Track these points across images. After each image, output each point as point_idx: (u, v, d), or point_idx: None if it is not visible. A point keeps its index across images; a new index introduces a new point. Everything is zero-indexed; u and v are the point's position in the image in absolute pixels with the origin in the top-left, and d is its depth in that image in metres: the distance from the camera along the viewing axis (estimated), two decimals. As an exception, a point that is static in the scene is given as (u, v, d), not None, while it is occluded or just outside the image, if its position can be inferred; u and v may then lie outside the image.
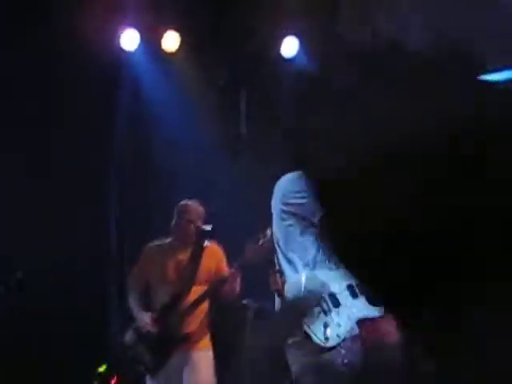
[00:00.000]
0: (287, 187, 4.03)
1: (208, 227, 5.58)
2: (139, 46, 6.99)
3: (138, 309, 5.55)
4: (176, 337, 5.52)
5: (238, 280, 5.58)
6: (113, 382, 6.34)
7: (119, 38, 6.91)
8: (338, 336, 3.81)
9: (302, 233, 3.97)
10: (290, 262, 3.99)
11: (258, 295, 6.21)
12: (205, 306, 5.58)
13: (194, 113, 6.93)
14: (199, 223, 5.56)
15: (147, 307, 5.58)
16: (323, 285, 3.94)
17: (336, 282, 3.90)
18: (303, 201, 3.91)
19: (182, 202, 5.72)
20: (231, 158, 6.74)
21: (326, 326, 3.86)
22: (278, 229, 4.00)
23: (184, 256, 5.63)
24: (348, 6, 6.98)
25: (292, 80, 7.09)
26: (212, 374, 5.57)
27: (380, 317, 3.76)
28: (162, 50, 7.01)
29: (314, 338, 3.86)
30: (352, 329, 3.80)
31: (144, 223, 6.81)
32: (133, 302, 5.58)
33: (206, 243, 5.60)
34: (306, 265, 3.98)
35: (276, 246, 4.05)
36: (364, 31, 6.89)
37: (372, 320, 3.78)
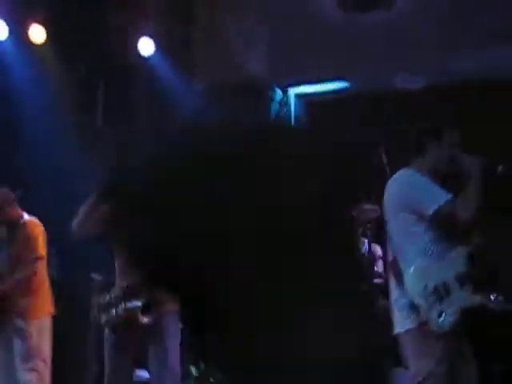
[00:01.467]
0: (403, 183, 4.32)
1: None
2: (8, 36, 7.28)
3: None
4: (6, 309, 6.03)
5: None
6: None
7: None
8: (450, 323, 4.06)
9: (414, 225, 4.19)
10: (404, 252, 4.26)
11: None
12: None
13: (52, 103, 7.33)
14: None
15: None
16: (437, 273, 4.19)
17: (446, 271, 4.17)
18: (417, 195, 4.21)
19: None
20: (84, 148, 7.17)
21: (440, 313, 4.10)
22: (393, 220, 4.28)
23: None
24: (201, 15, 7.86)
25: (147, 78, 7.70)
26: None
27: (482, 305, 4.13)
28: (30, 42, 7.30)
29: (432, 324, 4.09)
30: (459, 316, 4.08)
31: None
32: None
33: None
34: (419, 254, 4.22)
35: (390, 236, 4.38)
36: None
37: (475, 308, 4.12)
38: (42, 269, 6.18)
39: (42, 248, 6.05)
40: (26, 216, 6.11)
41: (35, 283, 6.14)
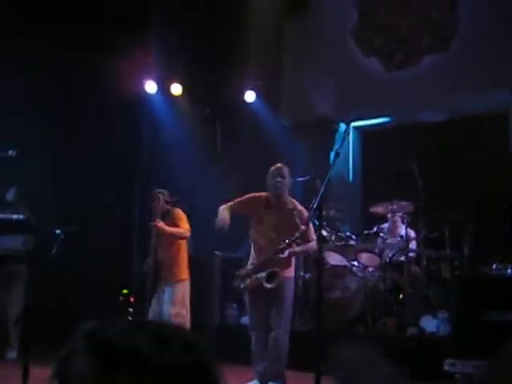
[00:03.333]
0: None
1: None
2: (156, 91, 9.18)
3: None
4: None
5: None
6: (132, 299, 7.98)
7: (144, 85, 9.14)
8: None
9: None
10: None
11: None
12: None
13: (190, 136, 9.08)
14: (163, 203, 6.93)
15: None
16: None
17: None
18: None
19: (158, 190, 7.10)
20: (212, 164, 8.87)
21: None
22: None
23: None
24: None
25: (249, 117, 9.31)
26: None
27: None
28: (171, 95, 9.18)
29: None
30: None
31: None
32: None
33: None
34: None
35: None
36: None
37: None
38: (185, 245, 7.09)
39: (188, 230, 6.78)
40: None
41: (181, 256, 7.00)
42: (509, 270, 6.60)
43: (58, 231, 5.54)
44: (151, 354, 1.05)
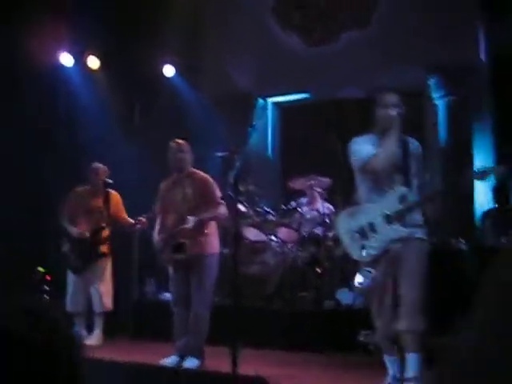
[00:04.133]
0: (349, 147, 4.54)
1: (110, 181, 7.25)
2: (73, 64, 8.94)
3: (69, 227, 7.10)
4: (94, 252, 7.08)
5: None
6: (48, 277, 8.05)
7: (59, 57, 8.83)
8: (371, 254, 4.40)
9: (357, 178, 4.54)
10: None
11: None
12: (106, 233, 7.14)
13: (107, 110, 8.90)
14: (104, 178, 7.21)
15: (74, 232, 7.08)
16: (364, 215, 4.46)
17: (374, 212, 4.42)
18: (353, 154, 4.49)
19: (94, 165, 7.25)
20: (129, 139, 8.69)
21: (363, 247, 4.41)
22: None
23: (97, 198, 7.22)
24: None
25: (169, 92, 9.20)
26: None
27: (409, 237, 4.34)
28: (88, 68, 8.96)
29: (353, 255, 4.51)
30: (385, 248, 4.38)
31: (72, 175, 8.09)
32: (66, 224, 7.13)
33: (109, 191, 7.20)
34: (360, 201, 4.58)
35: None
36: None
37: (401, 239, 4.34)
38: None
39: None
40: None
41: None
42: None
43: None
44: (21, 333, 1.05)
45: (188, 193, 5.78)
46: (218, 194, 5.77)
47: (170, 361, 5.60)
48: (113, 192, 7.35)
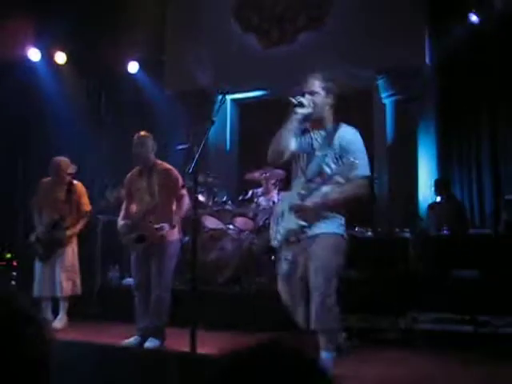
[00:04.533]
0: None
1: (72, 171, 7.20)
2: (40, 59, 8.83)
3: (35, 216, 7.08)
4: (57, 240, 6.99)
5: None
6: (15, 263, 8.07)
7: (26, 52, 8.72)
8: (277, 241, 4.29)
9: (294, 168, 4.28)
10: None
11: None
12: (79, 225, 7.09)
13: (74, 107, 8.83)
14: (67, 170, 7.15)
15: (41, 222, 7.03)
16: (283, 203, 4.34)
17: (287, 201, 4.27)
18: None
19: (55, 158, 7.12)
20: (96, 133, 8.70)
21: (277, 232, 4.27)
22: None
23: (60, 189, 7.10)
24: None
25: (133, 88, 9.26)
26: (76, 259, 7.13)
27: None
28: (55, 63, 8.87)
29: (270, 239, 4.40)
30: (286, 238, 4.20)
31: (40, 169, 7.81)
32: (35, 218, 7.10)
33: (74, 182, 7.12)
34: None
35: None
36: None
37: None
38: None
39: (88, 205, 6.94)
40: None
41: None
42: (369, 233, 7.10)
43: None
44: None
45: (152, 183, 5.72)
46: (181, 185, 5.72)
47: (132, 341, 5.59)
48: (76, 183, 7.26)
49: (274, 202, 7.86)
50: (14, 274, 7.96)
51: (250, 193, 8.22)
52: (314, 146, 4.24)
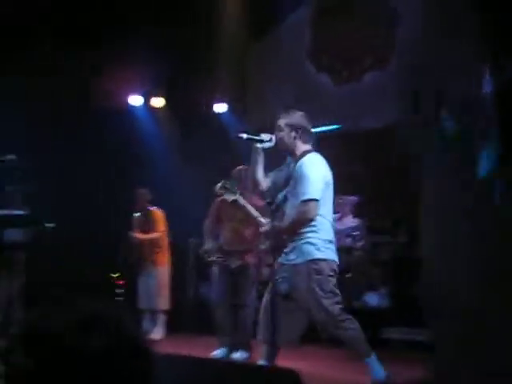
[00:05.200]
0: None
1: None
2: (142, 103, 9.11)
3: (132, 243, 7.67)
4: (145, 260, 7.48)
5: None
6: (122, 282, 8.14)
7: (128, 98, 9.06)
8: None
9: None
10: None
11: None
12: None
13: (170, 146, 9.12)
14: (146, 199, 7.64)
15: None
16: None
17: None
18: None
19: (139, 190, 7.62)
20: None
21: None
22: None
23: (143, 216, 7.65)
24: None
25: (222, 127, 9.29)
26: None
27: None
28: (152, 107, 9.14)
29: None
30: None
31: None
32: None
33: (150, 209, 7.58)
34: None
35: None
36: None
37: None
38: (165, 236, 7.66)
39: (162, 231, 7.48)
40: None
41: (163, 242, 7.55)
42: None
43: (50, 224, 5.40)
44: (71, 339, 0.97)
45: (243, 215, 5.72)
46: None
47: (219, 353, 5.62)
48: (153, 209, 7.63)
49: (347, 226, 7.75)
50: (121, 291, 8.11)
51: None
52: (287, 176, 4.26)
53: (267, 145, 4.28)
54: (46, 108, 8.05)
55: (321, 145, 8.77)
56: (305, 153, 4.25)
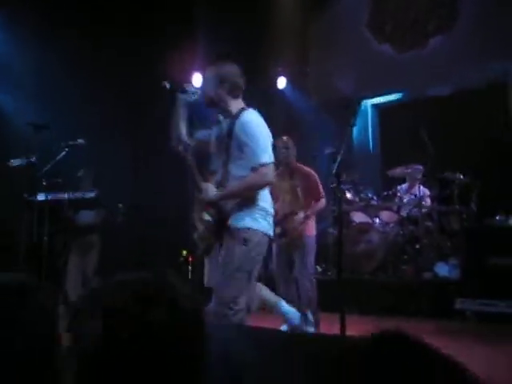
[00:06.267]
0: None
1: None
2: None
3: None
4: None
5: None
6: (190, 258, 8.40)
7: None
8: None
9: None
10: None
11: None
12: None
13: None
14: None
15: None
16: None
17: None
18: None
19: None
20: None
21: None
22: None
23: None
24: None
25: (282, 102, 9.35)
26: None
27: None
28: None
29: None
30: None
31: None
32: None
33: None
34: None
35: None
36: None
37: None
38: None
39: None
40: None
41: None
42: (510, 221, 6.60)
43: (120, 205, 5.52)
44: (135, 313, 0.99)
45: (294, 185, 5.73)
46: (321, 187, 5.69)
47: (284, 327, 5.62)
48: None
49: (415, 196, 7.66)
50: (190, 268, 8.23)
51: (394, 188, 8.04)
52: (221, 135, 3.62)
53: (192, 97, 3.67)
54: (118, 92, 8.19)
55: (387, 113, 9.50)
56: (242, 110, 3.62)
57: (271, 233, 3.57)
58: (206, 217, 3.50)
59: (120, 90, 8.38)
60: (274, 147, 3.59)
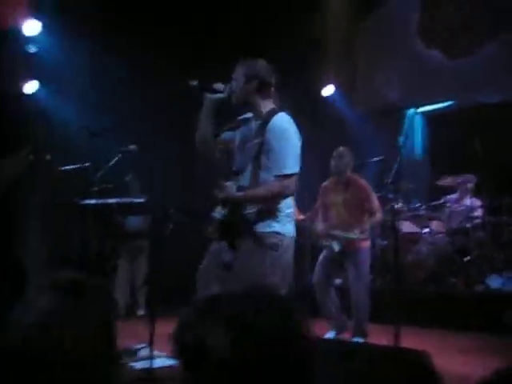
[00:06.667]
0: None
1: None
2: None
3: None
4: None
5: None
6: None
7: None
8: None
9: None
10: None
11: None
12: None
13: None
14: None
15: None
16: None
17: None
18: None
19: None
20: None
21: None
22: None
23: None
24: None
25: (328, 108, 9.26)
26: None
27: None
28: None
29: None
30: None
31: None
32: None
33: None
34: None
35: None
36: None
37: None
38: None
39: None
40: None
41: None
42: None
43: (171, 211, 5.54)
44: (254, 319, 1.05)
45: (348, 197, 5.67)
46: (376, 201, 5.62)
47: (329, 335, 5.57)
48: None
49: (466, 206, 7.49)
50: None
51: (443, 198, 7.88)
52: (249, 136, 3.45)
53: (221, 96, 3.47)
54: (166, 98, 8.25)
55: (436, 121, 9.32)
56: (273, 112, 3.45)
57: (295, 234, 3.47)
58: (216, 214, 3.40)
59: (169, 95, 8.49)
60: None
